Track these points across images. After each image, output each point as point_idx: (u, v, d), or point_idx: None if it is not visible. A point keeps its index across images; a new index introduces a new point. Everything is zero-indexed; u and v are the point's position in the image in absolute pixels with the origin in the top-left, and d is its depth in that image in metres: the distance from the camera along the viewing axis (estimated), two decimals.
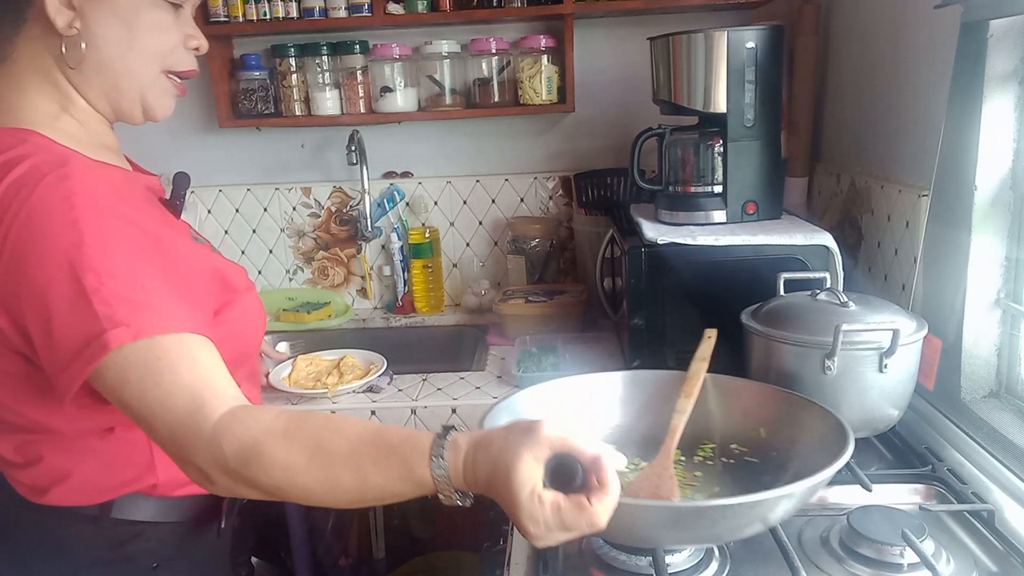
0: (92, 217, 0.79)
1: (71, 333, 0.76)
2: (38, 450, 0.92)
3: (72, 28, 0.85)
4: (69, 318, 0.76)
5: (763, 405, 1.07)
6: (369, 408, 1.58)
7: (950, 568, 0.91)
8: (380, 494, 0.73)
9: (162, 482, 0.96)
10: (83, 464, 0.93)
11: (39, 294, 0.77)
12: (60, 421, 0.90)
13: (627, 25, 2.04)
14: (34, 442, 0.92)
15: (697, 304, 1.42)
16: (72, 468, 0.93)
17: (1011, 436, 1.09)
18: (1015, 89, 1.11)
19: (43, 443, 0.92)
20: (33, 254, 0.78)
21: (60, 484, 0.92)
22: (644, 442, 1.09)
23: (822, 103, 1.83)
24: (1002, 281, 1.17)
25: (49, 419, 0.90)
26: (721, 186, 1.53)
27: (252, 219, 2.23)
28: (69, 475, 0.93)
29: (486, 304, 2.09)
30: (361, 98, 2.04)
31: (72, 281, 0.76)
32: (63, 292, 0.77)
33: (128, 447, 0.94)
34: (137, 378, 0.75)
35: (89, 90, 0.90)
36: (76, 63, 0.87)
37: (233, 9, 1.93)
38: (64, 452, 0.92)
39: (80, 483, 0.93)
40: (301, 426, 0.74)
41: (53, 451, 0.92)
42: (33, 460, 0.93)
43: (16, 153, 0.83)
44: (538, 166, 2.16)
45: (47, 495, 0.93)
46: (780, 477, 0.97)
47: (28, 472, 0.94)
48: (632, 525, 0.80)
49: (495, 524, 1.13)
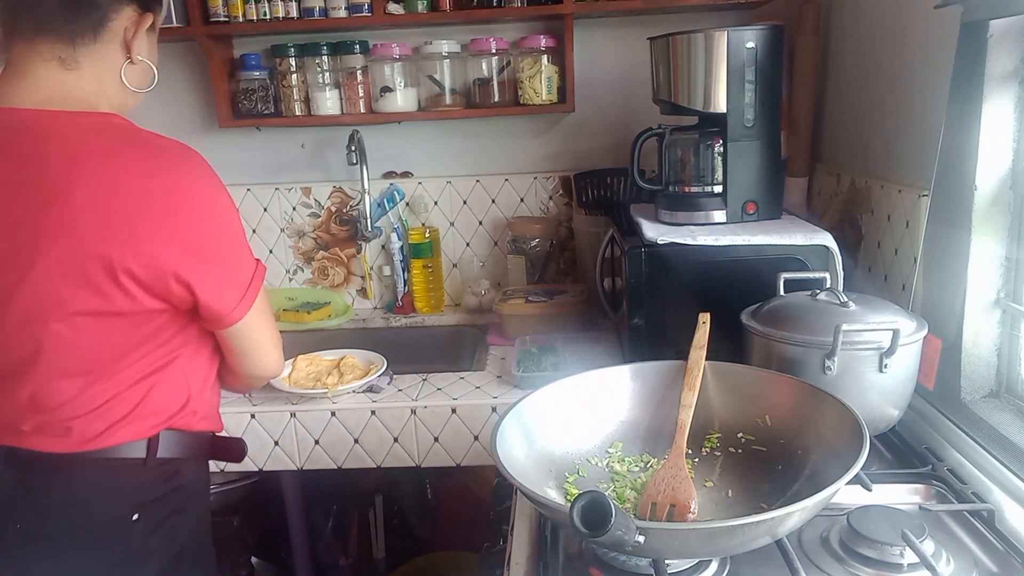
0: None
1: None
2: (101, 394, 1.04)
3: (140, 59, 1.09)
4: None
5: (765, 392, 1.08)
6: (369, 408, 1.58)
7: (950, 568, 0.91)
8: None
9: (197, 417, 1.13)
10: (144, 400, 1.06)
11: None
12: (131, 360, 1.05)
13: (627, 25, 2.04)
14: (96, 384, 1.04)
15: (697, 304, 1.41)
16: (132, 407, 1.06)
17: (1011, 436, 1.09)
18: (1015, 89, 1.11)
19: (108, 386, 1.04)
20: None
21: (116, 425, 1.05)
22: (650, 436, 1.10)
23: (822, 103, 1.83)
24: (1002, 281, 1.17)
25: (119, 359, 1.04)
26: (721, 186, 1.53)
27: (252, 219, 2.23)
28: (126, 414, 1.05)
29: (486, 304, 2.09)
30: (361, 98, 2.04)
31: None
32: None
33: (174, 382, 1.09)
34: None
35: (117, 101, 1.09)
36: (143, 86, 1.12)
37: (233, 9, 1.93)
38: (124, 392, 1.05)
39: (134, 420, 1.06)
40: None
41: (115, 393, 1.05)
42: (92, 407, 1.04)
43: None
44: (538, 166, 2.16)
45: (98, 439, 1.04)
46: (792, 465, 0.98)
47: (85, 419, 1.04)
48: (650, 549, 0.81)
49: (495, 524, 1.13)
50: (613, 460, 1.07)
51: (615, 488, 1.02)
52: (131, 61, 1.08)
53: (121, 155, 0.99)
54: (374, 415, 1.59)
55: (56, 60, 1.02)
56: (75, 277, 0.96)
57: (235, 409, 1.59)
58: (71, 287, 0.96)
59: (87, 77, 1.05)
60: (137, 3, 1.07)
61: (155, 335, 1.05)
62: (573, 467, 1.05)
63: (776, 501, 0.95)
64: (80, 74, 1.04)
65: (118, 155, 0.99)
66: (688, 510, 0.93)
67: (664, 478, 0.97)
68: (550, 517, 0.97)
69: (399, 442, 1.60)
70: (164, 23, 1.88)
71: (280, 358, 1.18)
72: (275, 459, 1.61)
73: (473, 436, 1.58)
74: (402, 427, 1.59)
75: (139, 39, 1.08)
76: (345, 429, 1.59)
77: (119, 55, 1.07)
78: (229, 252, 1.06)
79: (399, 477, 2.26)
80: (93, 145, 0.98)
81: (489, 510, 1.19)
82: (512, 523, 1.08)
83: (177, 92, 2.15)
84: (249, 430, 1.59)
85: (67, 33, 1.02)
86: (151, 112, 2.15)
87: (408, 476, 2.25)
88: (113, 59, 1.07)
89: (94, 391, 1.03)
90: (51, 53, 1.02)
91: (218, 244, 1.04)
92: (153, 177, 0.99)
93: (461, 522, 2.22)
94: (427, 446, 1.60)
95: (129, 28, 1.06)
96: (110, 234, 0.96)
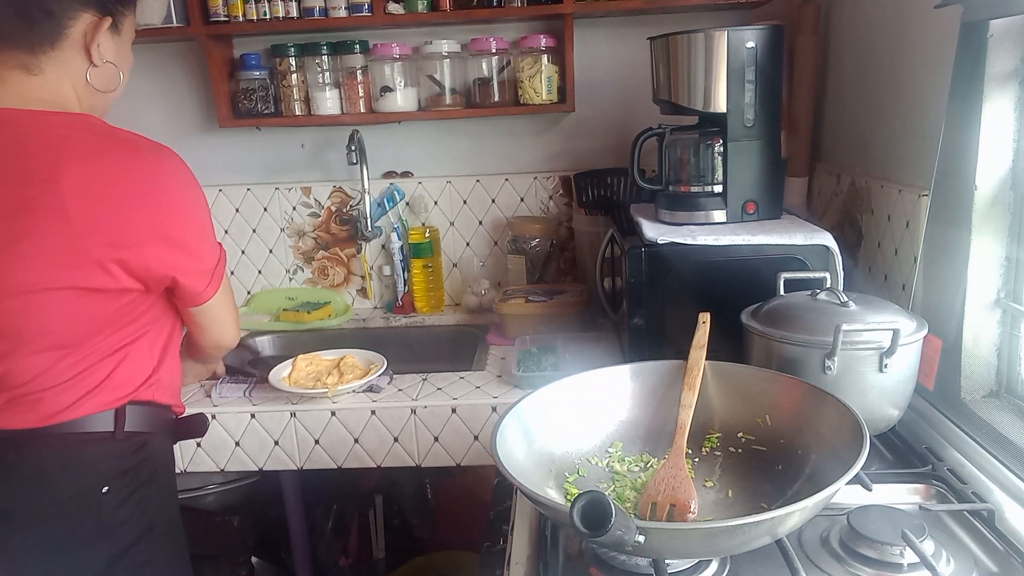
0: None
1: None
2: (73, 367, 1.09)
3: (103, 62, 1.11)
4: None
5: (765, 392, 1.08)
6: (369, 408, 1.58)
7: (950, 568, 0.91)
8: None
9: (161, 388, 1.19)
10: (114, 372, 1.12)
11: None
12: (104, 335, 1.10)
13: (627, 25, 2.04)
14: (68, 357, 1.08)
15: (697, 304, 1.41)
16: (100, 379, 1.11)
17: (1011, 436, 1.09)
18: (1015, 89, 1.11)
19: (80, 359, 1.09)
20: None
21: (86, 396, 1.10)
22: (650, 436, 1.10)
23: (822, 103, 1.83)
24: (1002, 281, 1.17)
25: (94, 334, 1.09)
26: (721, 186, 1.53)
27: (252, 219, 2.23)
28: (95, 386, 1.10)
29: (486, 304, 2.09)
30: (361, 98, 2.04)
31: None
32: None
33: (142, 356, 1.15)
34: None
35: (89, 103, 1.14)
36: (108, 88, 1.14)
37: (233, 9, 1.93)
38: (96, 365, 1.10)
39: (102, 392, 1.11)
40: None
41: (87, 366, 1.10)
42: (62, 379, 1.09)
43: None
44: (538, 166, 2.16)
45: (67, 411, 1.09)
46: (792, 465, 0.98)
47: (54, 390, 1.09)
48: (650, 549, 0.81)
49: (495, 524, 1.13)
50: (613, 460, 1.07)
51: (615, 488, 1.02)
52: (94, 64, 1.11)
53: (105, 150, 1.05)
54: (374, 415, 1.59)
55: (20, 67, 1.06)
56: (61, 260, 1.02)
57: (235, 409, 1.59)
58: (56, 269, 1.02)
59: (53, 81, 1.09)
60: (96, 8, 1.09)
61: (128, 310, 1.11)
62: (573, 467, 1.05)
63: (776, 501, 0.95)
64: (46, 78, 1.08)
65: (102, 149, 1.05)
66: (688, 510, 0.93)
67: (664, 478, 0.97)
68: (550, 517, 0.97)
69: (399, 442, 1.60)
70: (164, 23, 1.91)
71: (238, 331, 1.30)
72: (275, 459, 1.61)
73: (473, 436, 1.58)
74: (402, 427, 1.59)
75: (99, 43, 1.10)
76: (345, 429, 1.59)
77: (82, 59, 1.10)
78: (203, 239, 1.16)
79: (399, 477, 2.26)
80: (77, 140, 1.04)
81: (489, 510, 1.19)
82: (512, 523, 1.08)
83: (177, 92, 2.15)
84: (249, 430, 1.59)
85: (25, 43, 1.06)
86: (151, 112, 2.16)
87: (408, 476, 2.25)
88: (76, 64, 1.10)
89: (66, 364, 1.09)
90: (14, 61, 1.06)
91: (193, 232, 1.13)
92: (135, 171, 1.05)
93: (461, 522, 2.22)
94: (427, 446, 1.60)
95: (88, 33, 1.09)
96: (98, 222, 1.02)
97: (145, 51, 2.03)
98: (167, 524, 1.20)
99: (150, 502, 1.16)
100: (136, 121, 2.18)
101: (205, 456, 1.62)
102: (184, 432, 1.30)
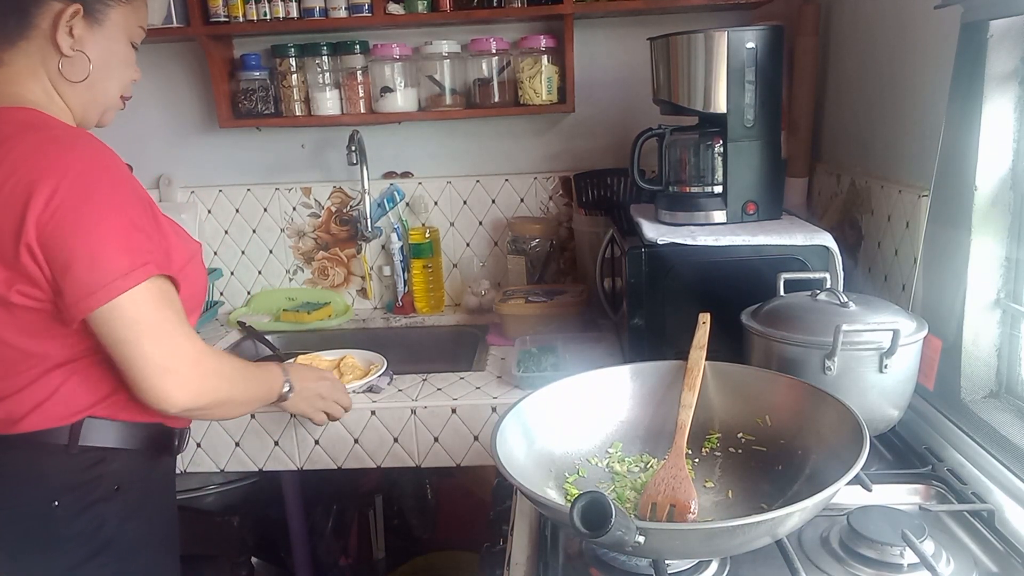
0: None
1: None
2: (21, 379, 1.07)
3: (73, 51, 1.09)
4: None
5: (765, 392, 1.08)
6: (369, 408, 1.58)
7: (950, 568, 0.91)
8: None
9: (122, 406, 1.13)
10: (61, 387, 1.08)
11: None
12: (52, 347, 1.07)
13: (627, 25, 2.04)
14: (18, 372, 1.07)
15: (697, 304, 1.41)
16: (50, 393, 1.08)
17: (1011, 436, 1.09)
18: (1015, 89, 1.11)
19: (28, 371, 1.07)
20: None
21: (36, 409, 1.08)
22: (650, 436, 1.10)
23: (822, 103, 1.83)
24: (1002, 281, 1.17)
25: (41, 346, 1.06)
26: (721, 186, 1.53)
27: (252, 219, 2.23)
28: (46, 400, 1.08)
29: (486, 304, 2.09)
30: (361, 98, 2.04)
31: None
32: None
33: (96, 371, 1.10)
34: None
35: (73, 97, 1.12)
36: (77, 78, 1.10)
37: (233, 9, 1.93)
38: (45, 379, 1.08)
39: (54, 406, 1.08)
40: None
41: (36, 379, 1.08)
42: (13, 391, 1.08)
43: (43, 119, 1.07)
44: (538, 166, 2.16)
45: (21, 423, 1.07)
46: (792, 465, 0.98)
47: (5, 403, 1.08)
48: (650, 549, 0.81)
49: (495, 524, 1.13)
50: (613, 460, 1.07)
51: (615, 488, 1.02)
52: (63, 55, 1.08)
53: (15, 139, 1.02)
54: (374, 415, 1.58)
55: None
56: None
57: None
58: None
59: (23, 73, 1.09)
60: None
61: (55, 323, 1.05)
62: (573, 467, 1.05)
63: (776, 501, 0.95)
64: (15, 70, 1.08)
65: (12, 139, 1.02)
66: (688, 510, 0.93)
67: (664, 478, 0.97)
68: (550, 517, 0.97)
69: (399, 442, 1.60)
70: (164, 23, 1.91)
71: (187, 382, 1.06)
72: (275, 459, 1.61)
73: (473, 436, 1.58)
74: (402, 427, 1.59)
75: (65, 32, 1.07)
76: (345, 429, 1.59)
77: (52, 50, 1.08)
78: (106, 239, 1.03)
79: (399, 477, 2.26)
80: (18, 139, 1.03)
81: (489, 510, 1.20)
82: (512, 523, 1.08)
83: (177, 92, 2.15)
84: (249, 430, 1.59)
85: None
86: (151, 112, 2.16)
87: (408, 476, 2.25)
88: (46, 54, 1.09)
89: (13, 374, 1.07)
90: None
91: (95, 227, 1.02)
92: (46, 158, 1.01)
93: (461, 522, 2.22)
94: (427, 446, 1.60)
95: (55, 21, 1.07)
96: (11, 211, 0.99)
97: (145, 51, 2.01)
98: (137, 541, 1.14)
99: (108, 519, 1.11)
100: (136, 121, 2.19)
101: (205, 456, 1.62)
102: (156, 445, 1.19)
